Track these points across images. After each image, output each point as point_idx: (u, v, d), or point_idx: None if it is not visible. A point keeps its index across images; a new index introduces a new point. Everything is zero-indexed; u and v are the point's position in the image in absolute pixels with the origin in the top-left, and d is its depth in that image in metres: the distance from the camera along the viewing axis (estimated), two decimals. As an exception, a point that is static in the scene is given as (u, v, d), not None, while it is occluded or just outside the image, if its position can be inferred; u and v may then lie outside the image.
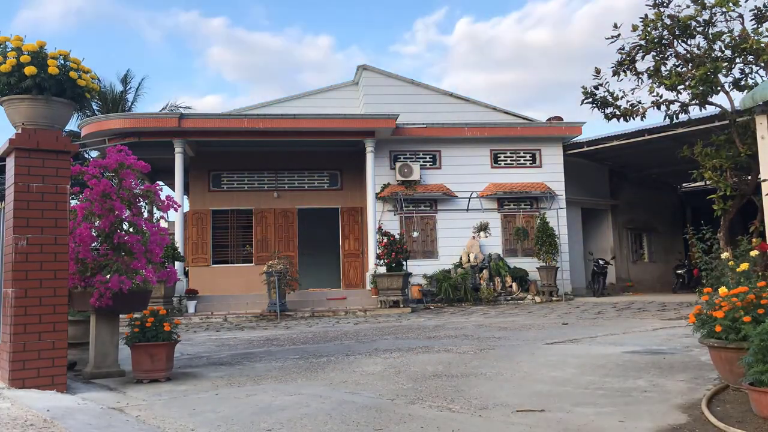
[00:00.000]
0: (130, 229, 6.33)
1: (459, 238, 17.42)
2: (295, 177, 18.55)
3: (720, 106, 12.86)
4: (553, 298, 16.74)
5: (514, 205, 18.19)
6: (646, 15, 12.51)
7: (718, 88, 12.26)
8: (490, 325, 10.73)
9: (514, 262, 17.54)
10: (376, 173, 17.07)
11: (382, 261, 15.34)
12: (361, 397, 4.97)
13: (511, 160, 18.33)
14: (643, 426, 3.87)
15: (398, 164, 17.45)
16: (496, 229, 17.73)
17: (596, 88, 13.24)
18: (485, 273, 16.90)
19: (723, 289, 4.72)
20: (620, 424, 3.95)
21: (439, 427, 3.99)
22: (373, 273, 15.85)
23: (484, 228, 17.31)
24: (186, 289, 15.39)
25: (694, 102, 12.58)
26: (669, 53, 12.77)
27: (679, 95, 12.77)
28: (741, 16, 12.18)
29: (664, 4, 12.52)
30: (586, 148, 18.33)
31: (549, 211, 17.72)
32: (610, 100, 13.23)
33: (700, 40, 12.55)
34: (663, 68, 12.86)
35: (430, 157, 17.97)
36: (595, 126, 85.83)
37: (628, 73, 13.13)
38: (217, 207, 18.12)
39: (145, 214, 6.82)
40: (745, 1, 13.56)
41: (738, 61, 12.45)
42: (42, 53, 5.29)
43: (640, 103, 13.18)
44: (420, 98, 18.48)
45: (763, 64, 12.01)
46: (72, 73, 5.35)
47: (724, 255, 5.69)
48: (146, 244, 6.24)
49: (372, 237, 16.46)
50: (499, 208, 18.03)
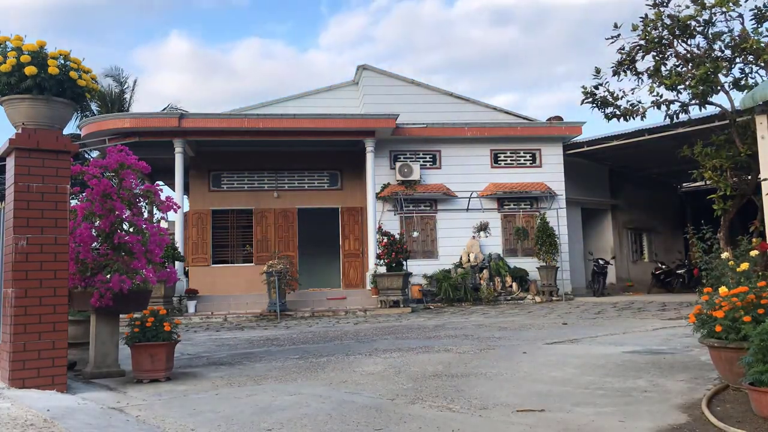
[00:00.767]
0: (130, 229, 6.33)
1: (459, 238, 17.42)
2: (295, 177, 18.54)
3: (720, 106, 12.86)
4: (553, 298, 16.74)
5: (514, 205, 18.18)
6: (646, 15, 12.51)
7: (718, 88, 12.27)
8: (490, 325, 10.73)
9: (514, 262, 17.54)
10: (376, 173, 17.07)
11: (382, 261, 15.34)
12: (361, 397, 4.98)
13: (511, 160, 18.33)
14: (643, 426, 3.87)
15: (398, 164, 17.45)
16: (496, 229, 17.73)
17: (596, 87, 13.24)
18: (485, 273, 16.91)
19: (723, 289, 4.72)
20: (620, 424, 3.95)
21: (439, 427, 3.99)
22: (373, 273, 15.85)
23: (484, 228, 17.32)
24: (186, 289, 15.39)
25: (694, 102, 12.59)
26: (669, 53, 12.77)
27: (679, 95, 12.78)
28: (741, 16, 12.19)
29: (664, 4, 12.52)
30: (586, 148, 18.32)
31: (549, 211, 17.72)
32: (610, 99, 13.23)
33: (700, 39, 12.56)
34: (663, 68, 12.86)
35: (430, 157, 17.97)
36: (595, 126, 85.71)
37: (628, 72, 13.14)
38: (217, 207, 18.11)
39: (146, 215, 6.82)
40: (745, 1, 13.58)
41: (738, 61, 12.45)
42: (42, 53, 5.29)
43: (640, 102, 13.18)
44: (420, 98, 18.47)
45: (763, 64, 12.01)
46: (72, 73, 5.35)
47: (724, 255, 5.70)
48: (146, 244, 6.25)
49: (372, 237, 16.46)
50: (499, 208, 18.03)
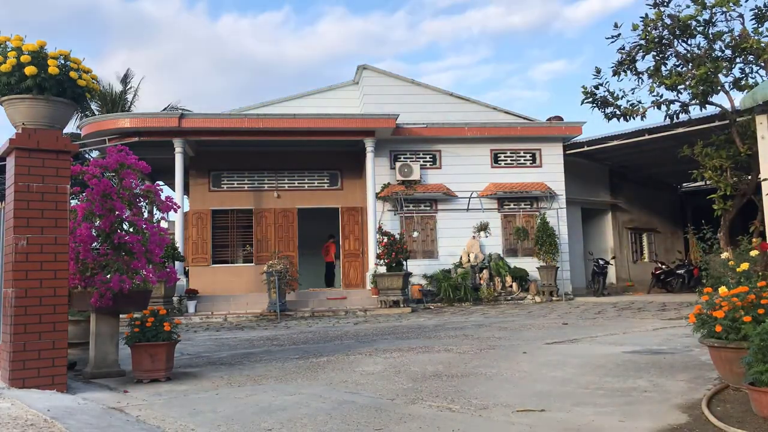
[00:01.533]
0: (131, 229, 6.33)
1: (459, 238, 17.42)
2: (295, 177, 18.53)
3: (720, 106, 12.88)
4: (553, 298, 16.74)
5: (514, 205, 18.18)
6: (647, 14, 12.52)
7: (718, 88, 12.28)
8: (490, 325, 10.73)
9: (514, 262, 17.54)
10: (376, 173, 17.06)
11: (382, 261, 15.33)
12: (361, 397, 4.98)
13: (511, 160, 18.33)
14: (643, 426, 3.87)
15: (398, 164, 17.45)
16: (496, 229, 17.73)
17: (596, 87, 13.26)
18: (485, 273, 16.91)
19: (723, 289, 4.72)
20: (620, 423, 3.95)
21: (439, 427, 3.99)
22: (373, 273, 15.85)
23: (484, 228, 17.31)
24: (186, 289, 15.39)
25: (694, 102, 12.60)
26: (669, 53, 12.78)
27: (680, 95, 12.81)
28: (741, 16, 12.20)
29: (665, 4, 12.54)
30: (586, 148, 18.33)
31: (549, 211, 17.72)
32: (611, 99, 13.24)
33: (700, 39, 12.59)
34: (663, 68, 12.89)
35: (430, 157, 17.97)
36: (596, 126, 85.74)
37: (629, 72, 13.16)
38: (217, 207, 18.11)
39: (146, 215, 6.82)
40: (745, 1, 13.61)
41: (738, 60, 12.48)
42: (42, 53, 5.29)
43: (640, 102, 13.22)
44: (420, 98, 18.46)
45: (763, 64, 12.02)
46: (72, 73, 5.34)
47: (725, 255, 5.71)
48: (146, 244, 6.24)
49: (372, 237, 16.45)
50: (499, 208, 18.03)
